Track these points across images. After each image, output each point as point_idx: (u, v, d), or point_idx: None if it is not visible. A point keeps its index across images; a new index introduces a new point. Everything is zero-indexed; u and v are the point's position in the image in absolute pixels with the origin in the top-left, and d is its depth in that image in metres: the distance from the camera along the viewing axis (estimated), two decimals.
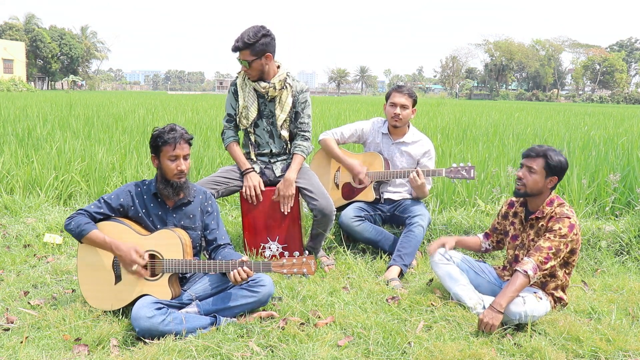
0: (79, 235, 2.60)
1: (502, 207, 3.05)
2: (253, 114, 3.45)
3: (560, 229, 2.62)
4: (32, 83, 59.98)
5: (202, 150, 6.84)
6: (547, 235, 2.64)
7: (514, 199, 2.98)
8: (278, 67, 3.41)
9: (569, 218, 2.65)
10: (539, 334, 2.56)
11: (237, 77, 3.51)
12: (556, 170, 2.69)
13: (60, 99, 23.12)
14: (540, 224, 2.74)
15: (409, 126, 3.86)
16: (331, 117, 13.62)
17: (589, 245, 3.82)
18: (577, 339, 2.46)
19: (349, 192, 3.87)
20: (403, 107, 3.70)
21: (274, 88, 3.38)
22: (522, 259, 2.73)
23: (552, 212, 2.71)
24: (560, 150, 2.75)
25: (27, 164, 5.62)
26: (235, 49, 3.25)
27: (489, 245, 3.10)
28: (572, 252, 2.73)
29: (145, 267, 2.59)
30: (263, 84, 3.37)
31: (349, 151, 3.94)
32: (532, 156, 2.71)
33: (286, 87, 3.43)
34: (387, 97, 3.80)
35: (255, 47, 3.23)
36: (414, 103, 3.77)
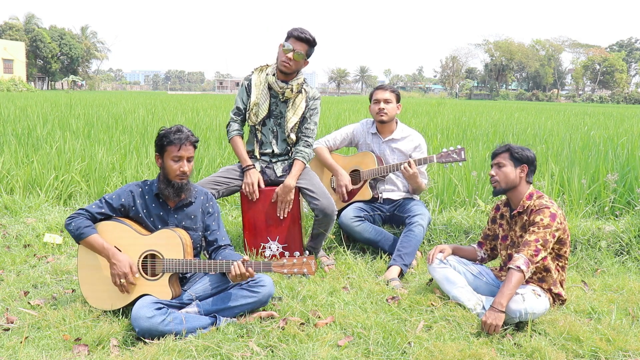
0: (78, 238, 2.60)
1: (490, 213, 3.11)
2: (264, 112, 3.46)
3: (542, 219, 2.66)
4: (32, 83, 59.98)
5: (202, 151, 6.84)
6: (532, 228, 2.68)
7: (498, 202, 3.04)
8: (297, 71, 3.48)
9: (549, 208, 2.69)
10: (539, 334, 2.56)
11: (252, 72, 3.54)
12: (523, 159, 2.78)
13: (60, 99, 23.12)
14: (524, 218, 2.79)
15: (397, 123, 3.88)
16: (331, 117, 13.62)
17: (589, 245, 3.82)
18: (577, 339, 2.46)
19: (347, 194, 3.87)
20: (386, 101, 3.75)
21: (291, 90, 3.42)
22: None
23: (532, 205, 2.75)
24: (526, 147, 2.87)
25: (27, 164, 5.62)
26: (305, 40, 3.33)
27: (484, 253, 3.13)
28: (561, 242, 2.76)
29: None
30: (281, 84, 3.41)
31: (342, 155, 3.97)
32: (498, 153, 2.86)
33: (302, 91, 3.48)
34: (371, 97, 3.85)
35: (312, 48, 3.41)
36: (398, 99, 3.81)
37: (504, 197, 2.98)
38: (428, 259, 3.00)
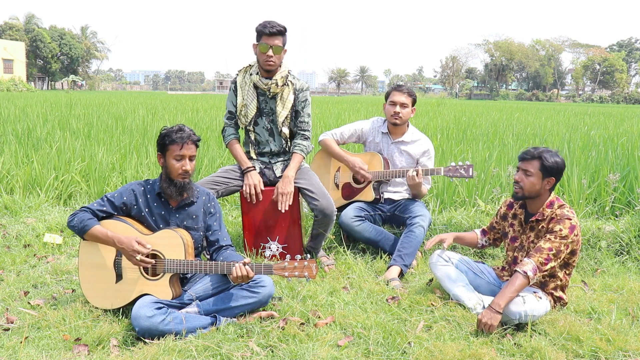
0: (82, 231, 2.60)
1: (500, 207, 3.04)
2: (252, 111, 3.45)
3: (561, 230, 2.62)
4: (32, 83, 59.95)
5: (202, 151, 6.84)
6: (548, 236, 2.63)
7: (512, 200, 2.97)
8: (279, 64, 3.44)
9: (570, 219, 2.64)
10: (539, 334, 2.56)
11: (237, 74, 3.52)
12: (553, 172, 2.68)
13: (60, 99, 23.10)
14: (541, 225, 2.74)
15: (408, 125, 3.88)
16: (331, 117, 13.61)
17: (589, 245, 3.82)
18: (577, 339, 2.46)
19: (349, 192, 3.87)
20: (402, 105, 3.72)
21: (276, 84, 3.40)
22: (521, 260, 2.73)
23: (552, 214, 2.70)
24: (557, 151, 2.73)
25: (27, 164, 5.62)
26: (277, 32, 3.29)
27: (486, 242, 3.10)
28: (573, 253, 2.73)
29: (150, 256, 2.59)
30: (265, 80, 3.39)
31: (349, 151, 3.95)
32: (528, 159, 2.70)
33: (288, 84, 3.46)
34: (387, 97, 3.82)
35: (286, 36, 3.38)
36: (414, 102, 3.79)
37: None
38: (427, 245, 2.97)
